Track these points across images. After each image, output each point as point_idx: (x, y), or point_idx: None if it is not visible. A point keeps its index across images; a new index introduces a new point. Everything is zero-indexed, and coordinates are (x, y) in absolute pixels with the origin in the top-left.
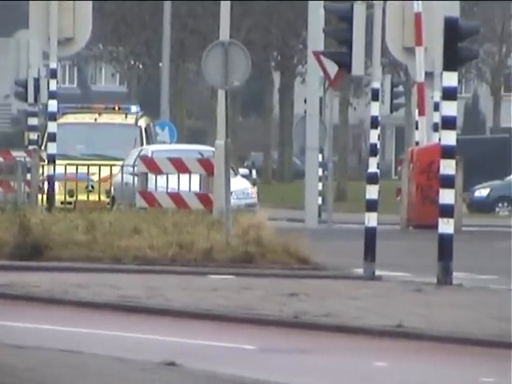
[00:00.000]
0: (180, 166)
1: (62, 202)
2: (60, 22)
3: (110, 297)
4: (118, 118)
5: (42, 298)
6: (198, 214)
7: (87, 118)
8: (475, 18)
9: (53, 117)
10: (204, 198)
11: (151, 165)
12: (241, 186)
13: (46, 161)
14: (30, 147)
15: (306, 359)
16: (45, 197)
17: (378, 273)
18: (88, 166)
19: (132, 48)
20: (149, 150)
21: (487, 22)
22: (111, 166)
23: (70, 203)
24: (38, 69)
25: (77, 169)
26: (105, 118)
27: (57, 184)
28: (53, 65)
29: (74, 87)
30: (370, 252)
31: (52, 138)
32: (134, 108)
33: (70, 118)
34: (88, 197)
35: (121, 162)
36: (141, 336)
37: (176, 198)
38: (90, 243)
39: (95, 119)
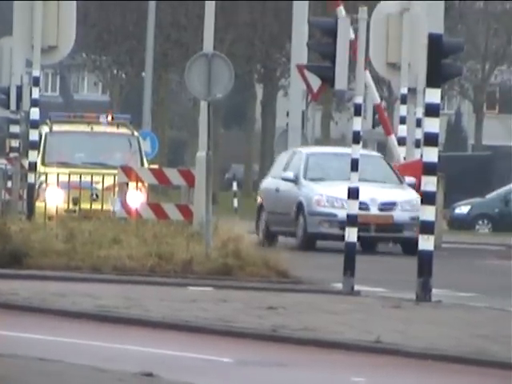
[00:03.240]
0: (161, 177)
1: (65, 211)
2: (44, 30)
3: (89, 306)
4: (111, 128)
5: (20, 305)
6: (178, 226)
7: (81, 126)
8: (459, 35)
9: (35, 124)
10: (184, 210)
11: (131, 175)
12: (407, 196)
13: (27, 168)
14: (12, 154)
15: (283, 373)
16: (43, 205)
17: (357, 288)
18: (92, 174)
19: (115, 57)
20: (302, 152)
21: (471, 39)
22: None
23: (74, 211)
24: (21, 76)
25: (80, 177)
26: (100, 127)
27: (61, 192)
28: (36, 73)
29: (56, 95)
30: (349, 267)
31: (33, 145)
32: (126, 118)
33: (65, 126)
34: (91, 205)
35: None
36: (118, 346)
37: (156, 208)
38: (70, 252)
39: (91, 128)
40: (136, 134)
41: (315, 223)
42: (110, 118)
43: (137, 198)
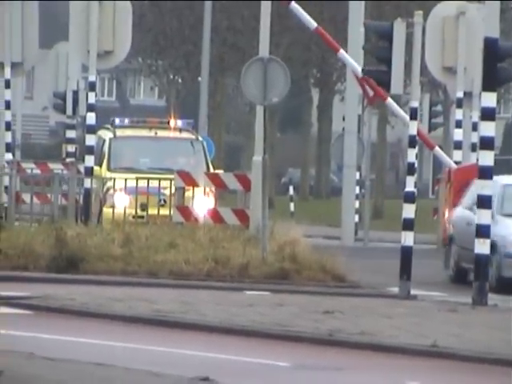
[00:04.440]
0: (217, 181)
1: (133, 216)
2: (100, 35)
3: (145, 311)
4: (174, 133)
5: (77, 310)
6: (235, 230)
7: (144, 131)
8: None
9: (91, 129)
10: (240, 214)
11: (188, 179)
12: None
13: (84, 173)
14: (68, 159)
15: (339, 377)
16: (109, 210)
17: (413, 292)
18: (159, 179)
19: (171, 62)
20: (498, 181)
21: None
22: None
23: (141, 217)
24: (77, 81)
25: (148, 183)
26: (164, 132)
27: (128, 197)
28: (92, 77)
29: (112, 100)
30: (405, 271)
31: (90, 150)
32: (188, 123)
33: (129, 132)
34: (159, 211)
35: None
36: (175, 351)
37: (212, 213)
38: (126, 257)
39: (155, 133)
40: (200, 138)
41: (511, 266)
42: (174, 123)
43: (205, 203)
